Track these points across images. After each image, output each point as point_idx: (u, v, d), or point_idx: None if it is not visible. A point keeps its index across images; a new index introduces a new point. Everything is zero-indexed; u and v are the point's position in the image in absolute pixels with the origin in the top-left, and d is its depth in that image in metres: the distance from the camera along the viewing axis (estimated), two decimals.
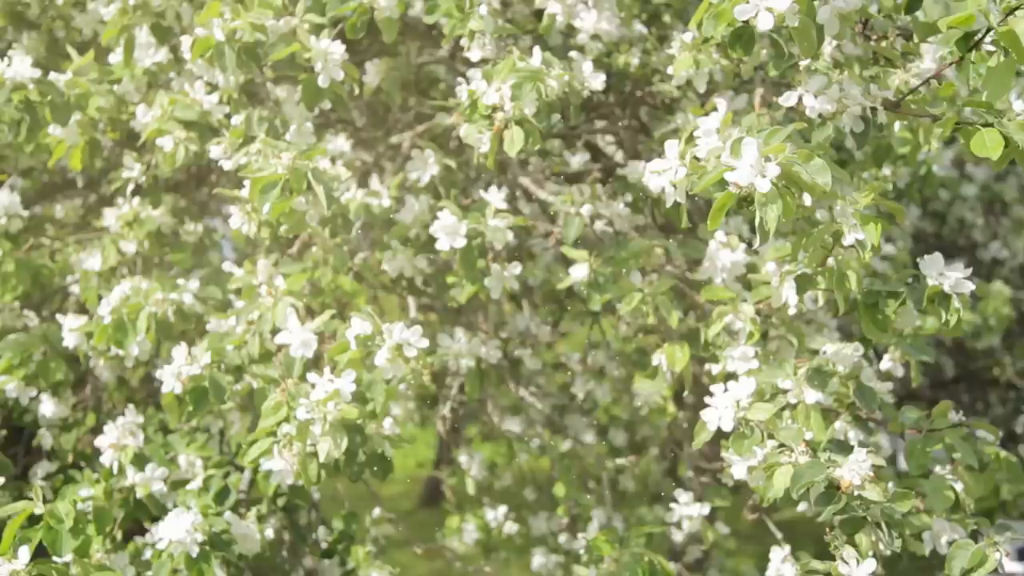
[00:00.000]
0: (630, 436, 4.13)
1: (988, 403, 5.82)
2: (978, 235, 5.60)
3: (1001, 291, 4.99)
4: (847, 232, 1.67)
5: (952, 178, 5.48)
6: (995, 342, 5.15)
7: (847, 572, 1.65)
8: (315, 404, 1.88)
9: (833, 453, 1.69)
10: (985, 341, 5.11)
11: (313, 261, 2.27)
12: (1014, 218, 5.53)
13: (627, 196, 2.24)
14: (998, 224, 5.61)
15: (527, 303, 3.37)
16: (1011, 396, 5.69)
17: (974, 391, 5.96)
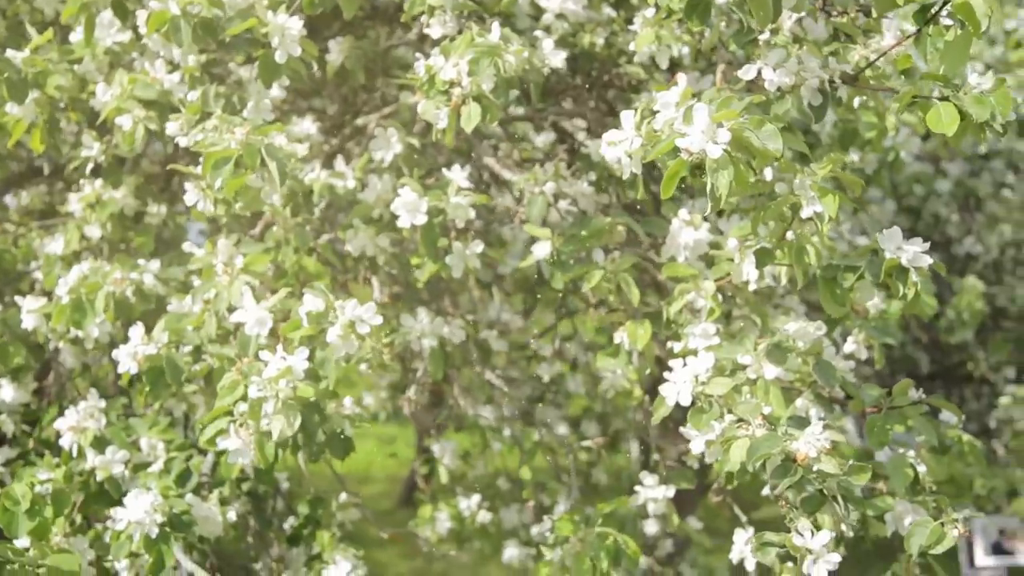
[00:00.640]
0: (603, 428, 4.12)
1: (963, 398, 5.84)
2: (952, 231, 5.63)
3: (975, 286, 5.01)
4: (805, 204, 1.66)
5: (927, 173, 5.51)
6: (969, 336, 5.17)
7: (802, 544, 1.64)
8: (267, 382, 1.86)
9: (791, 428, 1.68)
10: (959, 336, 5.13)
11: (275, 241, 2.24)
12: (988, 214, 5.56)
13: (591, 175, 2.23)
14: (972, 220, 5.64)
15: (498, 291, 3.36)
16: (985, 391, 5.72)
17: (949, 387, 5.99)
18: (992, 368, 5.58)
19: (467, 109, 1.82)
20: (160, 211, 2.60)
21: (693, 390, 1.76)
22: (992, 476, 4.81)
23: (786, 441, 1.63)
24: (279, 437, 1.87)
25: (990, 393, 5.62)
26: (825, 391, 2.03)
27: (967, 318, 5.06)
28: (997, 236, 5.43)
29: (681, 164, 1.43)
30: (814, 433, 1.63)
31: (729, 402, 1.75)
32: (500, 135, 2.87)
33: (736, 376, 1.83)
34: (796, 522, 1.64)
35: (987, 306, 5.24)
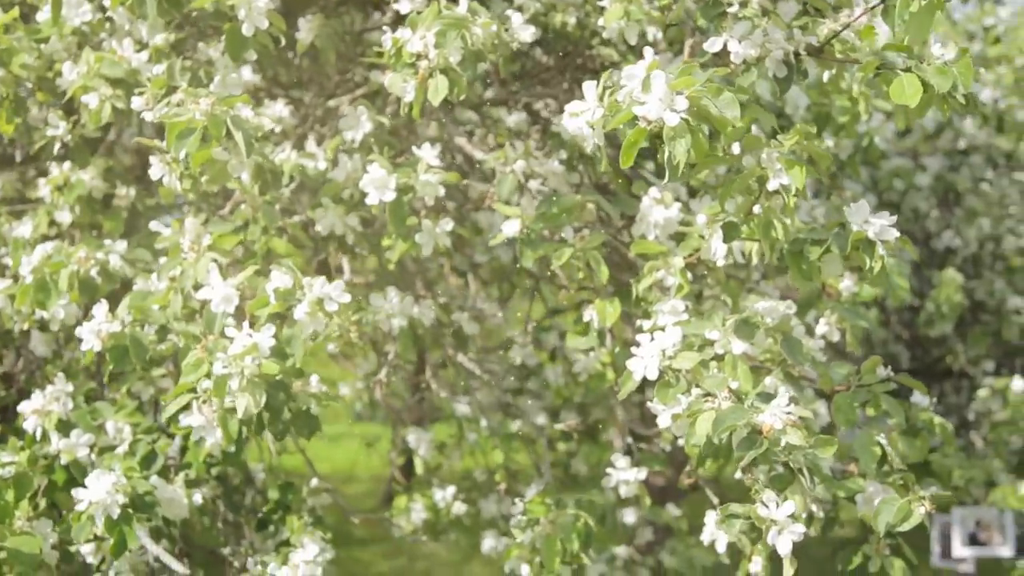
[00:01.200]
0: (583, 419, 4.10)
1: (943, 392, 5.87)
2: (932, 225, 5.66)
3: (953, 279, 5.03)
4: (772, 177, 1.66)
5: (906, 168, 5.54)
6: (948, 330, 5.19)
7: (767, 515, 1.63)
8: (232, 359, 1.84)
9: (758, 402, 1.68)
10: (938, 329, 5.15)
11: (242, 219, 2.22)
12: (966, 208, 5.59)
13: (562, 154, 2.22)
14: (951, 214, 5.67)
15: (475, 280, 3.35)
16: (964, 385, 5.74)
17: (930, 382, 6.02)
18: (971, 361, 5.61)
19: (434, 82, 1.81)
20: (129, 193, 2.57)
21: (660, 364, 1.75)
22: (970, 467, 4.83)
23: (752, 414, 1.62)
24: (244, 414, 1.85)
25: (969, 386, 5.65)
26: (795, 370, 2.03)
27: (946, 311, 5.08)
28: (976, 230, 5.46)
29: (640, 133, 1.42)
30: (780, 406, 1.62)
31: (696, 376, 1.74)
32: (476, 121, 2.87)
33: (704, 352, 1.82)
34: (761, 494, 1.63)
35: (966, 300, 5.26)
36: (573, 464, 4.21)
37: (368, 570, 8.57)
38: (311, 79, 2.82)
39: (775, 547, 1.64)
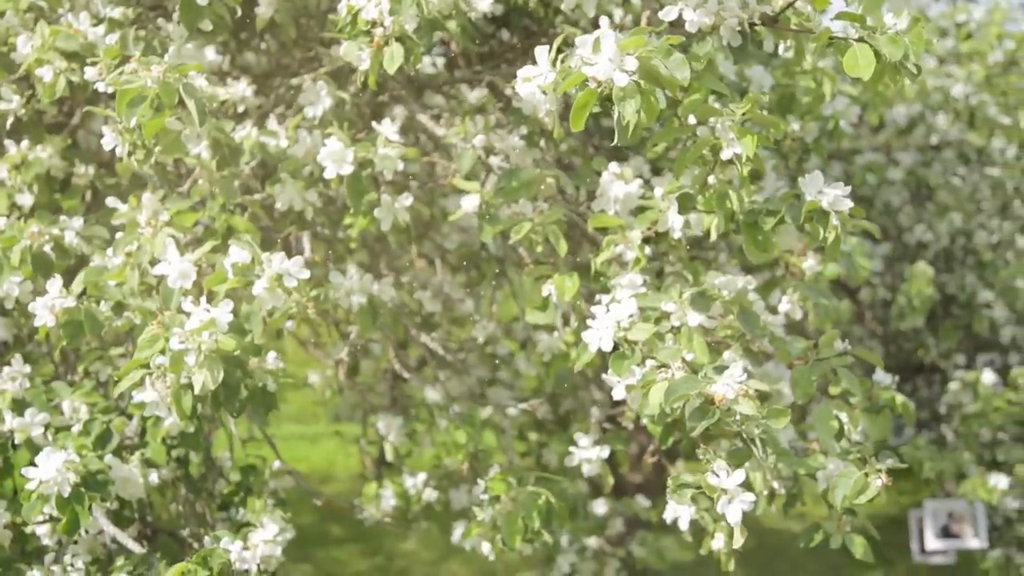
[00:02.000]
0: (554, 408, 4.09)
1: (915, 386, 5.91)
2: (904, 220, 5.69)
3: (924, 272, 5.05)
4: (725, 146, 1.65)
5: (879, 163, 5.58)
6: (919, 323, 5.21)
7: (717, 484, 1.63)
8: (189, 334, 1.81)
9: (712, 373, 1.67)
10: (909, 322, 5.17)
11: (200, 195, 2.20)
12: (938, 203, 5.63)
13: (522, 129, 2.21)
14: (923, 209, 5.70)
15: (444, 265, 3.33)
16: (936, 379, 5.78)
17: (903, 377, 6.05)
18: (942, 355, 5.64)
19: (389, 50, 1.79)
20: (88, 172, 2.54)
21: (615, 336, 1.74)
22: (941, 460, 4.85)
23: (705, 384, 1.62)
24: (201, 390, 1.83)
25: (941, 380, 5.68)
26: (755, 345, 2.02)
27: (917, 304, 5.10)
28: (947, 225, 5.50)
29: (590, 94, 1.41)
30: (733, 375, 1.62)
31: (651, 348, 1.74)
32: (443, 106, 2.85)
33: (660, 324, 1.81)
34: (713, 463, 1.63)
35: (937, 294, 5.29)
36: (544, 454, 4.20)
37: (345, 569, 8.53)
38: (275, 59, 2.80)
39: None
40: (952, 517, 5.00)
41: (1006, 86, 5.86)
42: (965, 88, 5.59)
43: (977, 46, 5.91)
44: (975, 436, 5.00)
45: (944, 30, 6.09)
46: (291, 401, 13.55)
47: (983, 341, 5.59)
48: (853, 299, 5.80)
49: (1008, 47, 6.07)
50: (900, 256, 5.70)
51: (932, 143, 5.69)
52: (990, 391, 4.93)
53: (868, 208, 5.73)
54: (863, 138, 5.90)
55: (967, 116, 5.67)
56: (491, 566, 9.02)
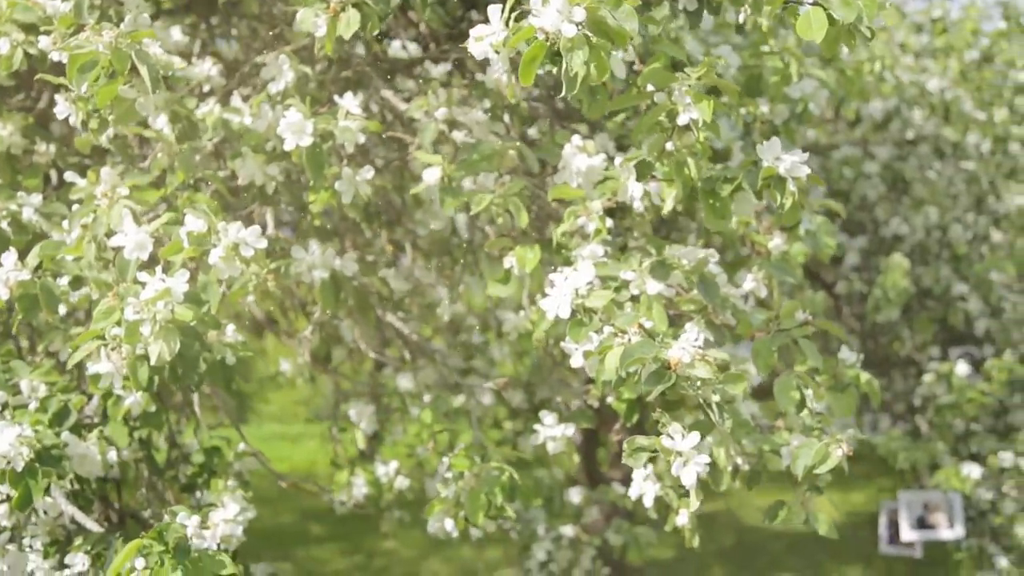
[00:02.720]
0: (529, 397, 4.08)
1: (891, 379, 5.93)
2: (881, 213, 5.72)
3: (900, 263, 5.08)
4: (682, 111, 1.65)
5: (856, 156, 5.60)
6: (895, 315, 5.23)
7: (671, 446, 1.62)
8: (144, 304, 1.79)
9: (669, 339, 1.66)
10: (885, 314, 5.19)
11: (159, 168, 2.17)
12: (914, 197, 5.66)
13: (485, 103, 2.20)
14: (900, 203, 5.73)
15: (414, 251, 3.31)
16: (911, 372, 5.80)
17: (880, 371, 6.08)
18: (917, 348, 5.67)
19: (346, 16, 1.78)
20: (49, 150, 2.51)
21: (573, 303, 1.73)
22: (915, 450, 4.87)
23: (661, 349, 1.61)
24: (157, 361, 1.80)
25: (916, 373, 5.71)
26: (717, 319, 2.02)
27: (892, 296, 5.12)
28: (923, 218, 5.53)
29: (539, 47, 1.41)
30: (689, 339, 1.61)
31: (609, 315, 1.73)
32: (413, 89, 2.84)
33: (620, 294, 1.80)
34: (667, 426, 1.62)
35: (913, 287, 5.31)
36: (519, 442, 4.19)
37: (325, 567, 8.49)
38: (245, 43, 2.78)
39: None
40: (927, 508, 5.02)
41: (980, 81, 5.91)
42: (940, 83, 5.63)
43: (952, 41, 5.95)
44: (949, 427, 5.02)
45: (920, 26, 6.13)
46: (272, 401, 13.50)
47: (958, 333, 5.61)
48: (830, 293, 5.82)
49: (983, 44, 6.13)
50: (876, 250, 5.73)
51: (908, 138, 5.72)
52: (964, 382, 4.95)
53: (845, 202, 5.75)
54: (840, 133, 5.93)
55: (942, 111, 5.70)
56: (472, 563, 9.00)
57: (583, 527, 4.18)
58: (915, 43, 6.03)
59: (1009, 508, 4.79)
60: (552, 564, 4.15)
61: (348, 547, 9.05)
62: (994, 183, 5.90)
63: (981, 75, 6.01)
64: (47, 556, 2.27)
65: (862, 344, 5.98)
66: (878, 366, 6.10)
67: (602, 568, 4.26)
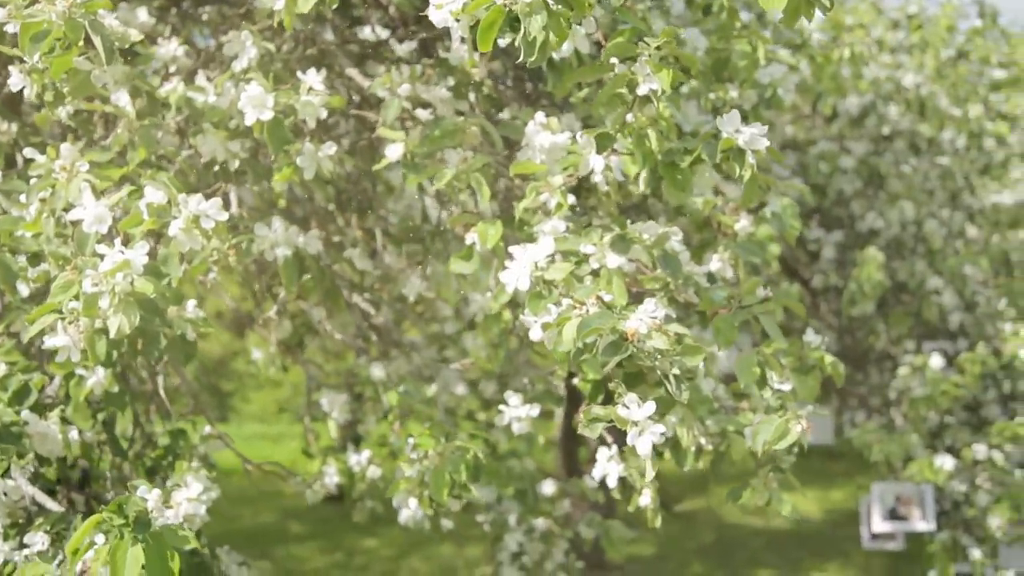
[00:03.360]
0: (500, 388, 4.08)
1: (867, 374, 5.96)
2: (856, 208, 5.75)
3: (875, 257, 5.10)
4: (641, 81, 1.65)
5: (832, 151, 5.63)
6: (870, 309, 5.26)
7: (627, 415, 1.62)
8: (103, 276, 1.77)
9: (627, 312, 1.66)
10: (860, 308, 5.21)
11: (119, 144, 2.15)
12: (889, 192, 5.69)
13: (449, 80, 2.19)
14: (875, 197, 5.77)
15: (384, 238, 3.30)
16: (887, 366, 5.83)
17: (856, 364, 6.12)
18: (893, 342, 5.70)
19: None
20: (11, 129, 2.49)
21: (532, 275, 1.73)
22: (889, 442, 4.90)
23: (619, 320, 1.61)
24: (117, 334, 1.78)
25: (892, 367, 5.74)
26: (680, 296, 2.02)
27: (867, 290, 5.14)
28: (898, 212, 5.56)
29: (497, 12, 1.40)
30: (647, 311, 1.61)
31: (568, 287, 1.72)
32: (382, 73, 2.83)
33: (581, 268, 1.80)
34: (623, 396, 1.61)
35: (888, 281, 5.34)
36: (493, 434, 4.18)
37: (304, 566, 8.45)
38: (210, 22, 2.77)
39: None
40: (900, 500, 5.05)
41: (956, 78, 5.95)
42: (916, 78, 5.66)
43: (928, 36, 6.00)
44: (923, 420, 5.05)
45: (896, 22, 6.17)
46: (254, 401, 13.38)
47: (933, 328, 5.65)
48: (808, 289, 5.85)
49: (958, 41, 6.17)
50: (853, 244, 5.76)
51: (884, 133, 5.76)
52: (938, 375, 4.98)
53: (821, 197, 5.79)
54: (817, 128, 5.97)
55: (918, 107, 5.74)
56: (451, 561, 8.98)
57: (556, 520, 4.17)
58: (891, 39, 6.08)
59: (982, 500, 4.82)
60: (524, 556, 4.13)
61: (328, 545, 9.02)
62: (969, 179, 5.94)
63: (956, 71, 6.05)
64: (7, 538, 2.24)
65: (839, 339, 6.01)
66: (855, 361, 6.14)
67: (575, 562, 4.25)
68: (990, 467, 4.87)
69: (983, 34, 6.20)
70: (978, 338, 5.38)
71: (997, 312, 5.52)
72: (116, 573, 1.85)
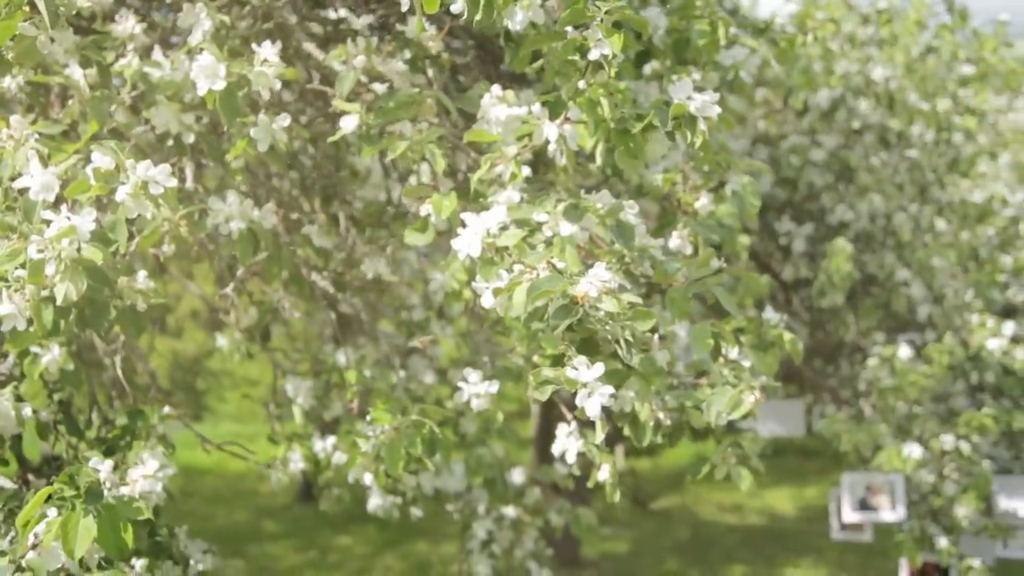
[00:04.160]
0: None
1: (838, 366, 6.00)
2: (827, 201, 5.79)
3: (844, 248, 5.13)
4: (593, 46, 1.64)
5: (803, 145, 5.67)
6: (839, 300, 5.29)
7: (575, 376, 1.61)
8: (49, 242, 1.75)
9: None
10: (829, 299, 5.24)
11: (71, 116, 2.13)
12: (859, 185, 5.73)
13: (406, 54, 2.18)
14: (845, 190, 5.81)
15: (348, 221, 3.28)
16: (857, 358, 5.87)
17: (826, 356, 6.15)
18: (862, 334, 5.74)
19: None
20: None
21: (484, 241, 1.72)
22: (858, 432, 4.93)
23: (569, 284, 1.60)
24: (63, 301, 1.76)
25: (862, 359, 5.78)
26: (637, 269, 2.02)
27: (837, 281, 5.17)
28: (867, 205, 5.60)
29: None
30: (597, 274, 1.60)
31: (520, 254, 1.72)
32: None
33: (534, 236, 1.79)
34: (572, 359, 1.61)
35: (858, 273, 5.38)
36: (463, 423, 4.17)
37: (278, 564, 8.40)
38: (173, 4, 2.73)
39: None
40: (870, 490, 5.08)
41: (925, 72, 6.00)
42: (885, 71, 5.71)
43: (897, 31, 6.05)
44: (891, 409, 5.08)
45: (867, 17, 6.22)
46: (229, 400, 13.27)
47: (902, 320, 5.69)
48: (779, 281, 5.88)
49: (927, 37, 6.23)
50: (823, 237, 5.79)
51: (854, 127, 5.80)
52: (906, 366, 5.01)
53: (792, 190, 5.82)
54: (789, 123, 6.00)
55: (887, 101, 5.79)
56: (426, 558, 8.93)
57: (526, 508, 4.16)
58: (862, 34, 6.12)
59: (950, 490, 4.86)
60: (494, 544, 4.12)
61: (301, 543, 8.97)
62: (938, 172, 5.99)
63: (925, 67, 6.11)
64: None
65: (811, 332, 6.05)
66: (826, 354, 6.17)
67: (545, 549, 4.24)
68: (958, 457, 4.90)
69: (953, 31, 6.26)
70: (945, 330, 5.42)
71: (965, 304, 5.57)
72: (68, 545, 1.82)
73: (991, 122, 6.91)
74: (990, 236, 6.57)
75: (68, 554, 1.80)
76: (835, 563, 8.17)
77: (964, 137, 6.16)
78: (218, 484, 10.97)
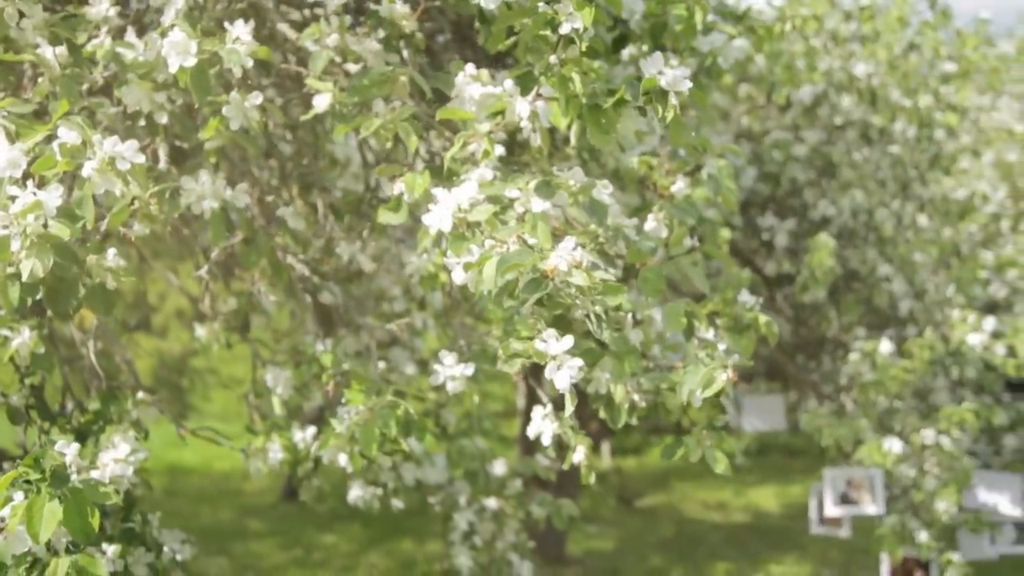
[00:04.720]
0: None
1: (820, 361, 6.02)
2: (809, 196, 5.81)
3: (826, 243, 5.14)
4: (563, 20, 1.64)
5: (786, 140, 5.69)
6: (822, 295, 5.30)
7: (544, 349, 1.60)
8: (14, 217, 1.73)
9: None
10: (812, 294, 5.25)
11: (41, 95, 2.11)
12: (841, 180, 5.75)
13: (380, 32, 2.17)
14: (828, 185, 5.83)
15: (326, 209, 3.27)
16: (839, 353, 5.89)
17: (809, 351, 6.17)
18: (844, 329, 5.76)
19: None
20: None
21: (455, 216, 1.71)
22: (839, 426, 4.94)
23: (539, 258, 1.59)
24: (30, 278, 1.74)
25: (844, 355, 5.80)
26: (611, 248, 2.01)
27: (819, 275, 5.18)
28: (849, 200, 5.62)
29: None
30: (567, 248, 1.60)
31: (491, 229, 1.71)
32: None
33: (506, 213, 1.79)
34: (541, 332, 1.60)
35: (840, 268, 5.39)
36: (443, 414, 4.16)
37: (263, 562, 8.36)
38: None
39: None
40: (851, 484, 5.09)
41: (907, 68, 6.03)
42: (867, 67, 5.73)
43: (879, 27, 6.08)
44: (872, 404, 5.10)
45: (849, 13, 6.25)
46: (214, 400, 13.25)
47: (884, 316, 5.72)
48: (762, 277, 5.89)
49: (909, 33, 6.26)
50: (806, 232, 5.81)
51: (837, 123, 5.82)
52: (887, 361, 5.03)
53: (775, 185, 5.84)
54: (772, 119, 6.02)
55: (869, 97, 5.81)
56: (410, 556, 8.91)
57: (507, 500, 4.15)
58: (845, 31, 6.15)
59: (930, 484, 4.87)
60: (475, 536, 4.11)
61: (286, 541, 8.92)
62: (919, 168, 6.02)
63: (908, 63, 6.14)
64: None
65: (793, 328, 6.07)
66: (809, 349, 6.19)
67: (527, 541, 4.23)
68: (938, 452, 4.92)
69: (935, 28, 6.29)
70: (927, 325, 5.45)
71: (946, 299, 5.60)
72: (32, 528, 1.80)
73: (973, 120, 6.96)
74: (972, 232, 6.61)
75: (33, 538, 1.78)
76: (818, 559, 8.19)
77: (946, 134, 6.19)
78: (203, 483, 10.93)
